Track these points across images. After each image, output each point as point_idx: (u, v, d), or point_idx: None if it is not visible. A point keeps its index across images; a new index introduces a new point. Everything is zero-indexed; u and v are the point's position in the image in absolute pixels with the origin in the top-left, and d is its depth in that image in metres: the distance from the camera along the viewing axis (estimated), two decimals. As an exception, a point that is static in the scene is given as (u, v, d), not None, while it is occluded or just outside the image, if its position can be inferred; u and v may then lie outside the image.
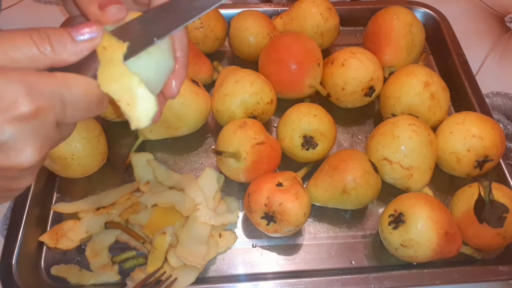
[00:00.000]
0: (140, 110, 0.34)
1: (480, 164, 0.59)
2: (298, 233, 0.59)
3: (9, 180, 0.31)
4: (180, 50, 0.40)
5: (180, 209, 0.57)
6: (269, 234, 0.57)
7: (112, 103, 0.34)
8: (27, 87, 0.28)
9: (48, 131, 0.30)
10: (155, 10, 0.36)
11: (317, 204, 0.59)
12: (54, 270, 0.55)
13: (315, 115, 0.60)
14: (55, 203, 0.61)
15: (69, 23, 0.74)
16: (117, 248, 0.57)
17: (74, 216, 0.58)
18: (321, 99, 0.69)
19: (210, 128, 0.69)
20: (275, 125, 0.67)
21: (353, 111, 0.70)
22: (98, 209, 0.58)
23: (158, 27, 0.35)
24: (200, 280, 0.54)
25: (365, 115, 0.71)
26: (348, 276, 0.54)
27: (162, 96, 0.41)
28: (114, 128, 0.66)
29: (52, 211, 0.60)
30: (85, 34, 0.31)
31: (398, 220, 0.53)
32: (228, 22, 0.73)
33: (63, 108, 0.30)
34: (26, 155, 0.29)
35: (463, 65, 0.73)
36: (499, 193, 0.55)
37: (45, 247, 0.57)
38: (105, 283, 0.54)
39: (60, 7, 0.85)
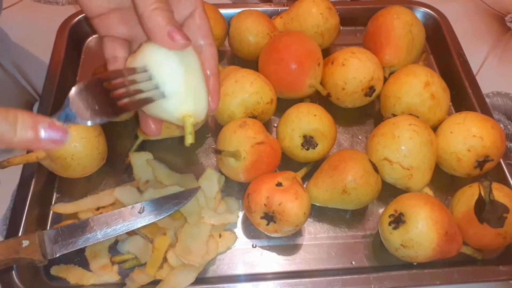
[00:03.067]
0: None
1: (480, 164, 0.59)
2: (298, 233, 0.59)
3: None
4: (210, 69, 0.46)
5: (184, 212, 0.57)
6: (269, 234, 0.57)
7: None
8: None
9: None
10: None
11: (317, 204, 0.59)
12: (54, 270, 0.55)
13: (315, 115, 0.60)
14: (54, 203, 0.61)
15: (68, 25, 0.74)
16: (116, 248, 0.56)
17: (74, 216, 0.58)
18: (321, 99, 0.69)
19: (210, 128, 0.69)
20: (275, 125, 0.67)
21: (353, 111, 0.70)
22: (98, 209, 0.58)
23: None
24: (200, 280, 0.54)
25: (365, 115, 0.71)
26: (348, 276, 0.54)
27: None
28: (114, 128, 0.66)
29: (51, 211, 0.60)
30: (52, 135, 0.33)
31: (398, 220, 0.53)
32: (228, 21, 0.73)
33: None
34: None
35: (463, 65, 0.73)
36: (499, 193, 0.54)
37: (44, 247, 0.57)
38: (105, 283, 0.54)
39: (59, 7, 0.86)
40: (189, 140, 0.43)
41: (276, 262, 0.57)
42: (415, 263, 0.55)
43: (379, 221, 0.56)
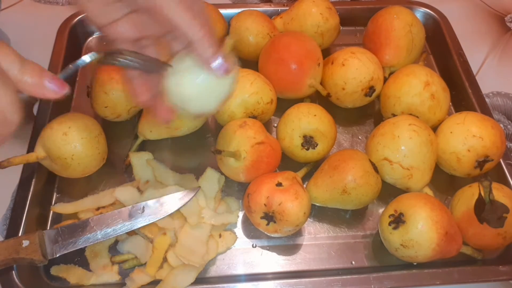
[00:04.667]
0: None
1: (480, 164, 0.59)
2: (298, 233, 0.59)
3: None
4: None
5: (184, 212, 0.57)
6: (269, 234, 0.57)
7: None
8: None
9: None
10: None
11: (317, 204, 0.59)
12: (54, 270, 0.55)
13: (315, 115, 0.60)
14: (55, 203, 0.61)
15: (68, 25, 0.74)
16: (116, 248, 0.56)
17: (74, 216, 0.58)
18: (321, 99, 0.69)
19: (210, 128, 0.69)
20: (275, 125, 0.67)
21: (353, 111, 0.70)
22: (98, 209, 0.58)
23: None
24: (200, 280, 0.54)
25: (365, 115, 0.71)
26: (348, 276, 0.54)
27: None
28: (114, 128, 0.66)
29: (51, 211, 0.60)
30: (54, 86, 0.37)
31: (398, 220, 0.53)
32: (228, 22, 0.73)
33: None
34: None
35: (463, 65, 0.73)
36: (499, 193, 0.54)
37: (45, 247, 0.57)
38: (104, 283, 0.54)
39: (59, 7, 0.86)
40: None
41: (276, 262, 0.57)
42: (415, 263, 0.55)
43: (379, 221, 0.56)
